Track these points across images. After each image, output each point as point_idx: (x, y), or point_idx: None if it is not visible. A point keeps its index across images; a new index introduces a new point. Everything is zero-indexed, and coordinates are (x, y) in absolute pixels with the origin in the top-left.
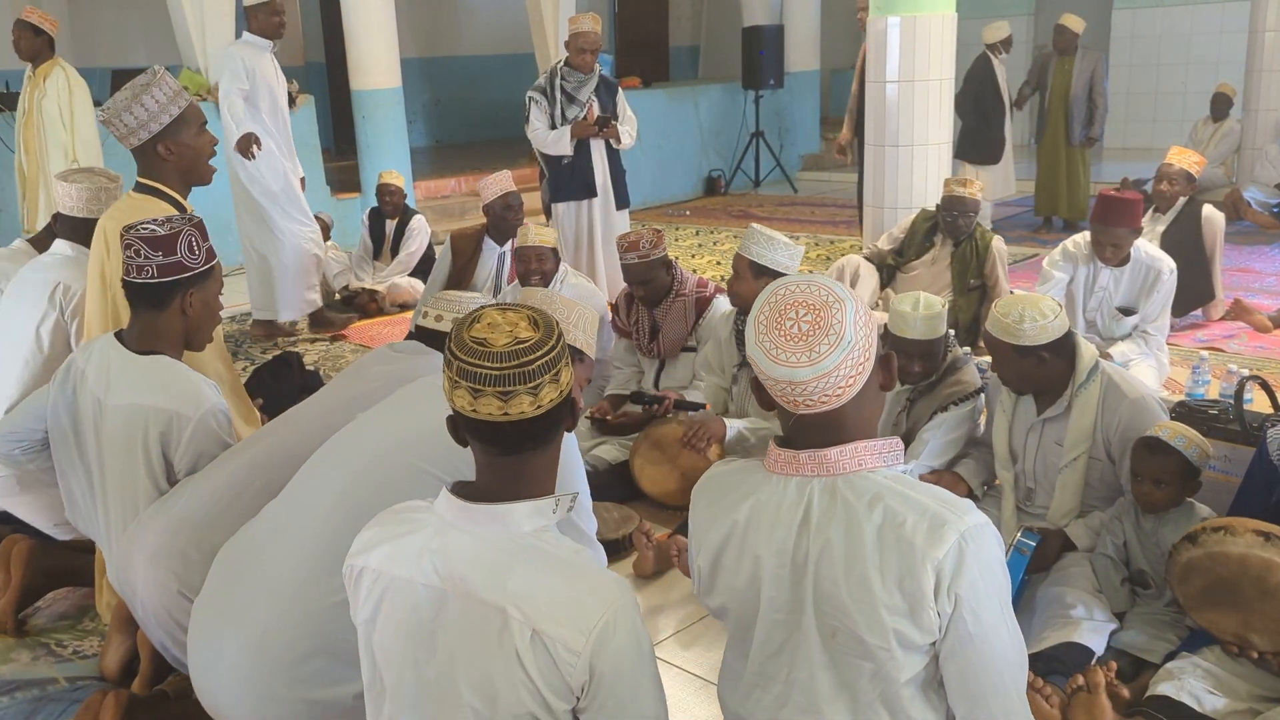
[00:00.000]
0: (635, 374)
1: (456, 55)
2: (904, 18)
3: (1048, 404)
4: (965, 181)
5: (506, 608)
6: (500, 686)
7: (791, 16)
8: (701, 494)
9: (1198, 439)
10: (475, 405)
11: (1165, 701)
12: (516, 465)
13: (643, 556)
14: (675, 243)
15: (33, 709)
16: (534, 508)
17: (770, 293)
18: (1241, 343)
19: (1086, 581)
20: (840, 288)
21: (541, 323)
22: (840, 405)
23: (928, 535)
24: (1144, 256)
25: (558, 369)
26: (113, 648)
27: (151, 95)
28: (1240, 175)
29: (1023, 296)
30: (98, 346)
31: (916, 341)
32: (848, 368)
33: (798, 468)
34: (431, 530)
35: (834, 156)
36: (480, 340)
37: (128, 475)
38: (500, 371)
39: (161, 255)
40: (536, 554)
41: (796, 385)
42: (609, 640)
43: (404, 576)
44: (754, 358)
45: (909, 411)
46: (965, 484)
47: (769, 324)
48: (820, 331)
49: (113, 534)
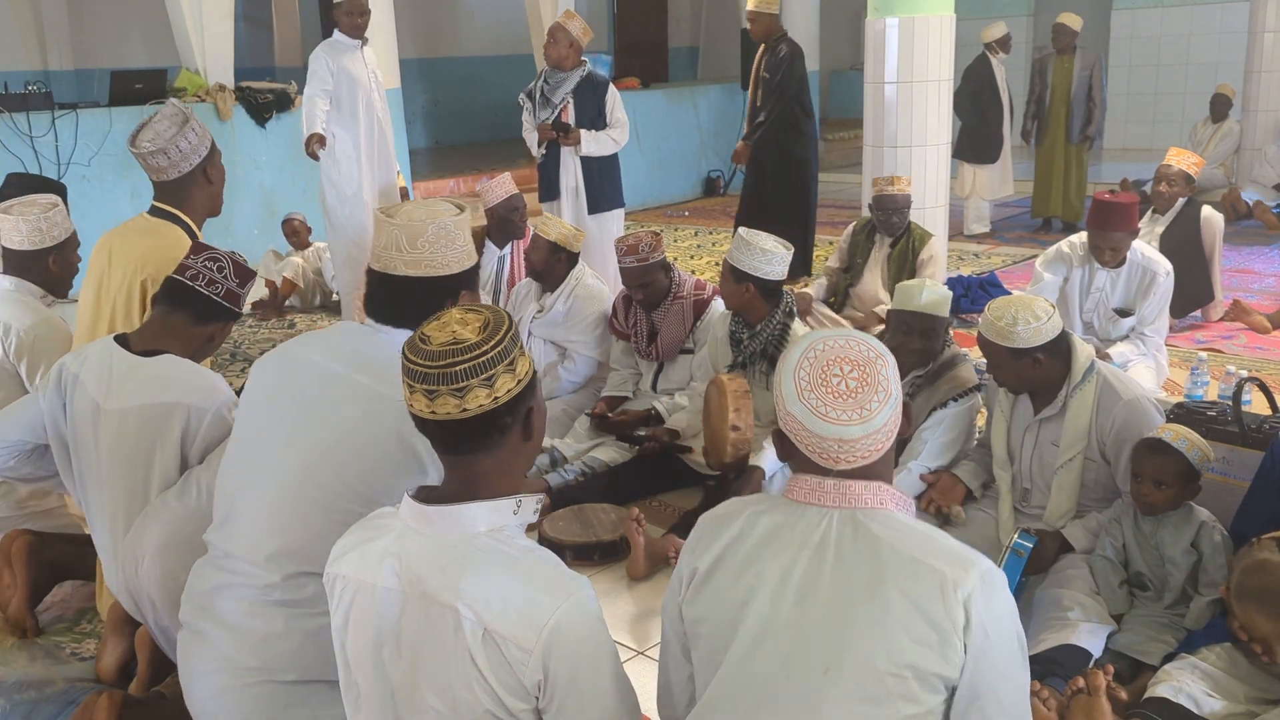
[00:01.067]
0: (633, 376)
1: (455, 56)
2: (902, 19)
3: (1044, 404)
4: (894, 179)
5: (459, 607)
6: (458, 687)
7: (790, 18)
8: (719, 508)
9: (1200, 442)
10: (433, 407)
11: (1163, 703)
12: (474, 464)
13: (635, 555)
14: (674, 244)
15: (29, 710)
16: (492, 508)
17: (808, 349)
18: (1240, 344)
19: (1084, 584)
20: (877, 342)
21: (492, 321)
22: (878, 459)
23: (956, 566)
24: (1140, 258)
25: (511, 358)
26: (109, 649)
27: (191, 127)
28: (1240, 176)
29: (1015, 298)
30: (95, 351)
31: (919, 315)
32: (892, 422)
33: (821, 496)
34: (394, 535)
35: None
36: (425, 338)
37: (133, 478)
38: (439, 370)
39: (239, 284)
40: (491, 553)
41: (846, 443)
42: (561, 638)
43: (368, 581)
44: (797, 416)
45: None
46: (963, 485)
47: (812, 382)
48: (869, 388)
49: (116, 538)
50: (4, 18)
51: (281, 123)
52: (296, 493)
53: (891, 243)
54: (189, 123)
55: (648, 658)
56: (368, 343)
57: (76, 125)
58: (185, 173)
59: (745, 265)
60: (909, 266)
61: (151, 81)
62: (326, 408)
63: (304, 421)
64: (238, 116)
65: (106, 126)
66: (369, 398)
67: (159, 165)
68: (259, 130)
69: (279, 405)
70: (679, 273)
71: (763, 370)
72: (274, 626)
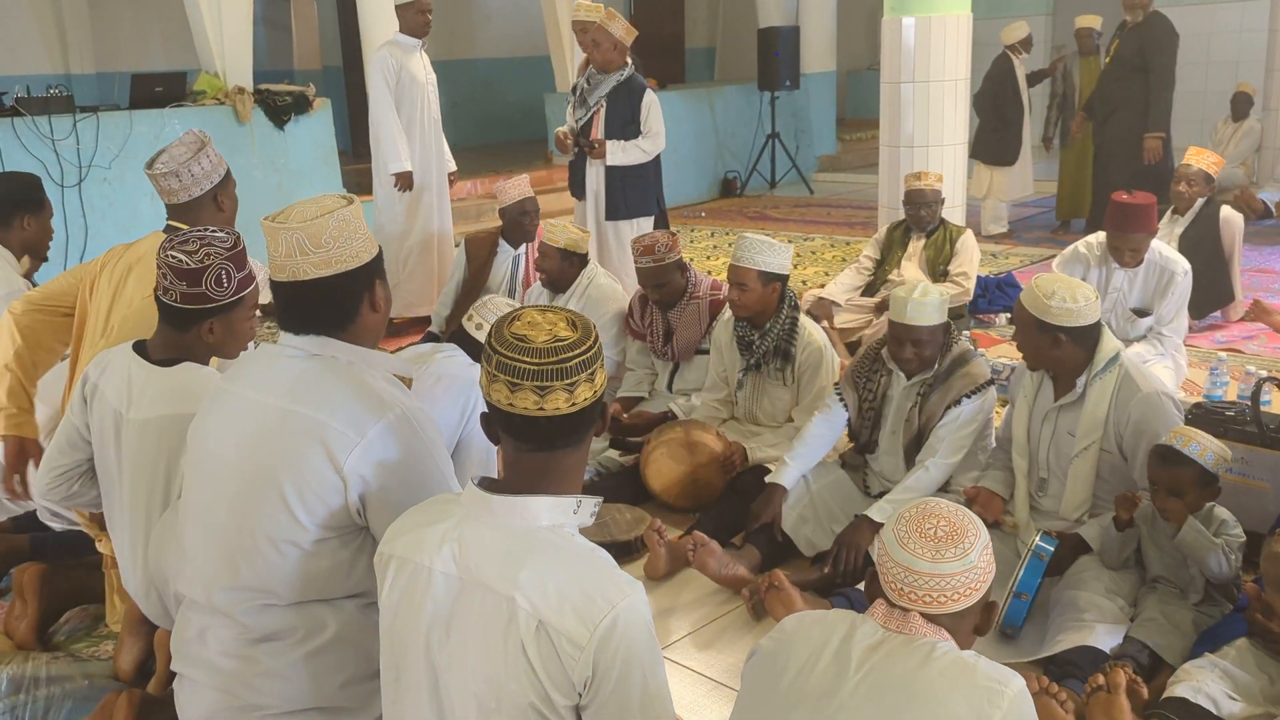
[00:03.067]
0: (649, 376)
1: (472, 58)
2: (919, 18)
3: (1064, 390)
4: (921, 175)
5: (515, 597)
6: (505, 677)
7: (807, 18)
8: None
9: (1212, 444)
10: (512, 399)
11: (1182, 704)
12: (545, 462)
13: (655, 557)
14: (690, 244)
15: (49, 706)
16: (554, 503)
17: (925, 500)
18: (1261, 344)
19: (1100, 585)
20: (981, 523)
21: (579, 324)
22: (940, 613)
23: (992, 677)
24: (1158, 258)
25: (593, 369)
26: (125, 649)
27: (206, 152)
28: (1261, 175)
29: (1065, 278)
30: (115, 360)
31: (907, 327)
32: (959, 582)
33: (886, 619)
34: (454, 520)
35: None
36: (520, 336)
37: (154, 485)
38: (539, 367)
39: (186, 285)
40: (551, 548)
41: (911, 574)
42: (614, 637)
43: (424, 564)
44: (885, 539)
45: (921, 407)
46: (1000, 499)
47: (911, 519)
48: (950, 542)
49: (137, 543)
50: (26, 22)
51: (300, 125)
52: (239, 528)
53: (927, 236)
54: (205, 148)
55: (664, 658)
56: (293, 368)
57: (97, 128)
58: (196, 196)
59: (773, 266)
60: (944, 257)
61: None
62: (263, 441)
63: (242, 458)
64: (256, 119)
65: (127, 129)
66: (305, 426)
67: (170, 188)
68: (277, 132)
69: (215, 448)
70: (695, 273)
71: (776, 367)
72: (257, 666)
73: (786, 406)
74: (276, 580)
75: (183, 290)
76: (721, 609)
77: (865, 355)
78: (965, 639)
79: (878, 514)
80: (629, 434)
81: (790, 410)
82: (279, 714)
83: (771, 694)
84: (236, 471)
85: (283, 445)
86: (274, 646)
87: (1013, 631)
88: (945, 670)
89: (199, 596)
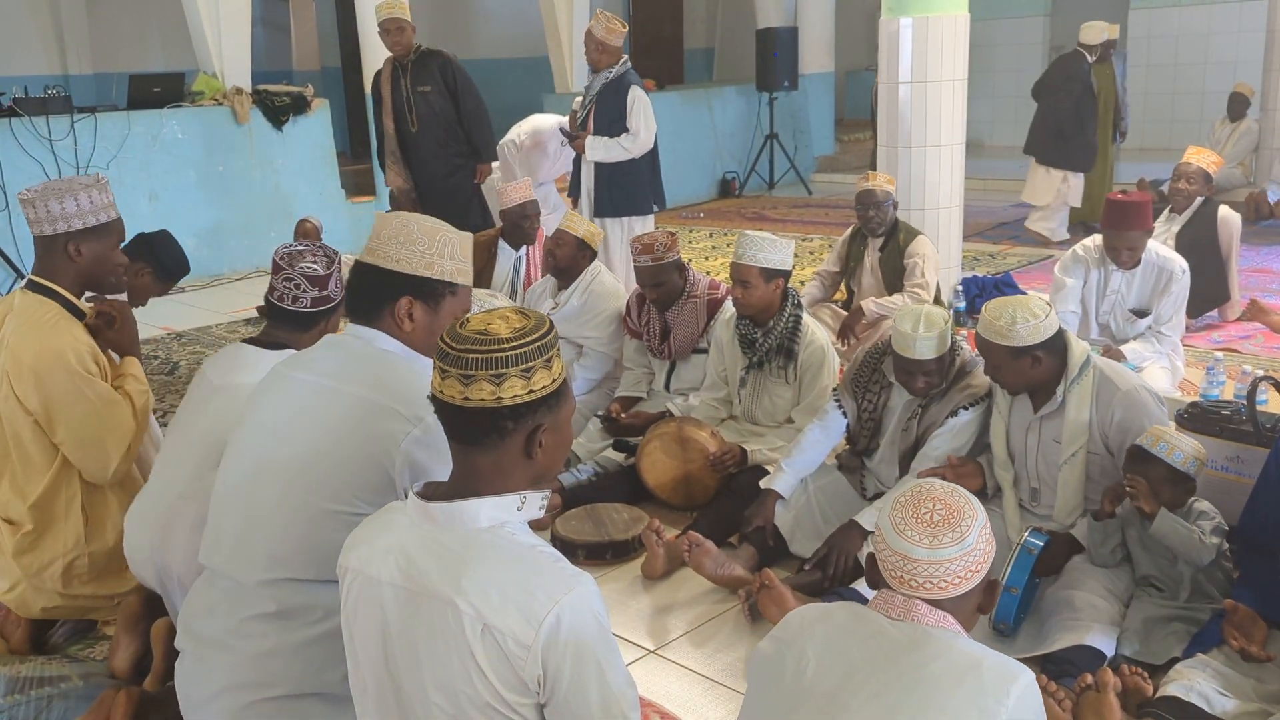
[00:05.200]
0: (646, 375)
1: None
2: (916, 19)
3: (1042, 401)
4: (870, 175)
5: (459, 602)
6: (459, 683)
7: (806, 18)
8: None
9: (1182, 443)
10: (442, 386)
11: (1174, 702)
12: (470, 460)
13: (652, 556)
14: (689, 245)
15: (46, 705)
16: (495, 503)
17: (919, 484)
18: (1257, 343)
19: (1096, 584)
20: (977, 503)
21: (533, 317)
22: (941, 598)
23: (998, 671)
24: (1155, 257)
25: (503, 371)
26: (121, 647)
27: (85, 196)
28: (1259, 175)
29: (1011, 298)
30: (225, 350)
31: (914, 361)
32: (958, 567)
33: (889, 609)
34: (399, 530)
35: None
36: (462, 323)
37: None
38: (451, 351)
39: (317, 290)
40: (491, 549)
41: (910, 561)
42: (560, 632)
43: (374, 576)
44: (882, 526)
45: (920, 418)
46: (982, 476)
47: (907, 504)
48: (947, 526)
49: (158, 508)
50: (24, 22)
51: (298, 126)
52: (278, 502)
53: (880, 245)
54: (85, 191)
55: (660, 657)
56: (345, 352)
57: (95, 129)
58: (48, 234)
59: (775, 263)
60: (899, 269)
61: (170, 85)
62: (311, 419)
63: (286, 435)
64: (255, 120)
65: (125, 130)
66: (358, 405)
67: (28, 216)
68: (275, 133)
69: (262, 426)
70: (693, 272)
71: (779, 365)
72: (264, 644)
73: (787, 405)
74: (309, 551)
75: (314, 295)
76: (718, 608)
77: (864, 365)
78: (969, 619)
79: (867, 521)
80: (627, 433)
81: (790, 410)
82: (281, 696)
83: (778, 692)
84: (287, 443)
85: (339, 424)
86: (288, 624)
87: (1006, 629)
88: (951, 665)
89: (222, 565)
